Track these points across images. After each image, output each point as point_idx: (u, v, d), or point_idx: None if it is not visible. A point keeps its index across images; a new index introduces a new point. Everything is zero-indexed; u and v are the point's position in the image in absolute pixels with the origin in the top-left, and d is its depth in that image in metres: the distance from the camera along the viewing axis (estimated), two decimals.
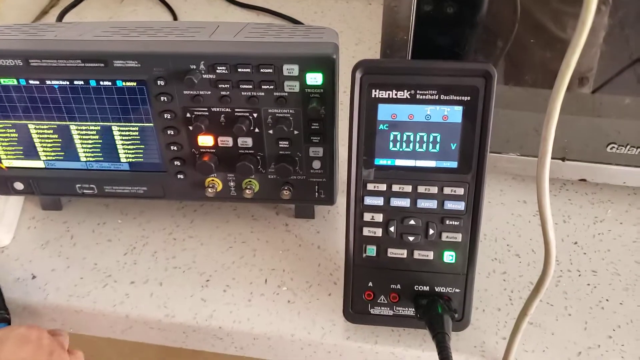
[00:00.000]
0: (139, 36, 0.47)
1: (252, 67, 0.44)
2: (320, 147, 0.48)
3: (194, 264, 0.51)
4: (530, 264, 0.50)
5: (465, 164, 0.41)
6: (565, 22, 0.53)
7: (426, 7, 0.46)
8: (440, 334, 0.39)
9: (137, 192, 0.52)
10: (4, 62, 0.45)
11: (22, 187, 0.53)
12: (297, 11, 0.82)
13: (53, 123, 0.49)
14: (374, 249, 0.43)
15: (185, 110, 0.46)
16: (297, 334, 0.46)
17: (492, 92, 0.39)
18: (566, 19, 0.53)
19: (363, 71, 0.39)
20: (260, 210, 0.56)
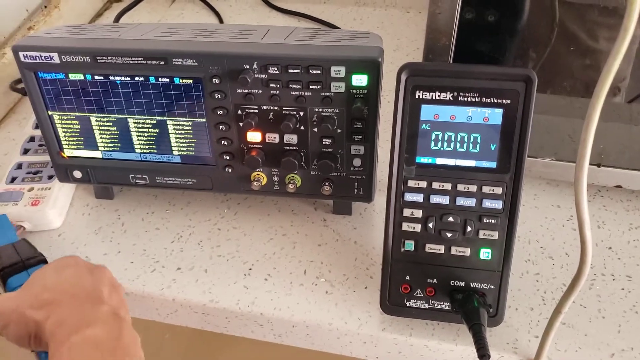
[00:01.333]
0: (195, 37, 0.50)
1: (302, 68, 0.46)
2: (362, 146, 0.50)
3: (237, 253, 0.54)
4: (564, 267, 0.51)
5: (504, 165, 0.43)
6: (599, 33, 0.54)
7: (468, 15, 0.48)
8: (477, 324, 0.40)
9: (187, 184, 0.55)
10: (74, 58, 0.49)
11: (80, 175, 0.57)
12: (337, 17, 0.85)
13: (113, 116, 0.52)
14: (412, 244, 0.45)
15: (237, 107, 0.49)
16: (334, 323, 0.48)
17: (532, 96, 0.41)
18: (601, 29, 0.54)
19: (408, 73, 0.41)
20: (299, 205, 0.59)
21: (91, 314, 0.36)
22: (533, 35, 0.54)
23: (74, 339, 0.34)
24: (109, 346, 0.34)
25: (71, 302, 0.37)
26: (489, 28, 0.48)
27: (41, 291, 0.39)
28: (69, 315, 0.36)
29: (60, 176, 0.57)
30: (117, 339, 0.35)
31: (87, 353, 0.33)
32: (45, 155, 0.61)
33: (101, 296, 0.41)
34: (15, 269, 0.48)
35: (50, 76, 0.51)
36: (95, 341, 0.34)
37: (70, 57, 0.49)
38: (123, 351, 0.34)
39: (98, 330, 0.35)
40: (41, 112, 0.53)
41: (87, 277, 0.42)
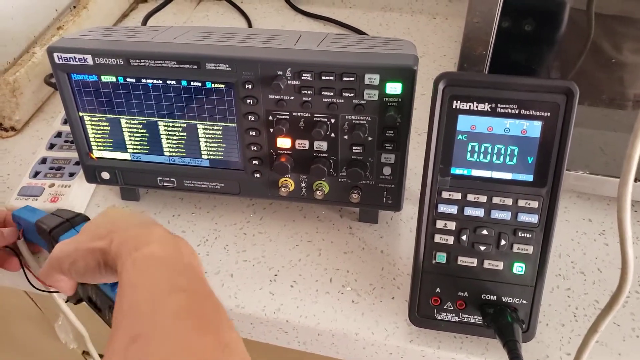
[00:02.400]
0: (228, 41, 0.50)
1: (336, 75, 0.46)
2: (392, 154, 0.50)
3: (263, 259, 0.54)
4: (596, 283, 0.50)
5: (541, 178, 0.42)
6: (635, 45, 0.53)
7: (504, 24, 0.47)
8: (511, 341, 0.40)
9: (215, 188, 0.55)
10: (107, 60, 0.49)
11: (108, 176, 0.57)
12: (363, 22, 0.84)
13: (143, 119, 0.52)
14: (444, 256, 0.44)
15: (268, 113, 0.49)
16: (361, 333, 0.48)
17: (573, 109, 0.40)
18: (636, 42, 0.53)
19: (446, 83, 0.41)
20: (325, 212, 0.58)
21: (148, 235, 0.37)
22: (567, 46, 0.53)
23: (135, 255, 0.35)
24: (169, 260, 0.36)
25: (127, 228, 0.39)
26: (526, 38, 0.48)
27: (96, 228, 0.41)
28: (129, 236, 0.38)
29: (88, 177, 0.57)
30: (176, 253, 0.37)
31: (150, 266, 0.35)
32: (70, 152, 0.61)
33: (153, 221, 0.42)
34: (63, 228, 0.49)
35: (83, 78, 0.51)
36: (155, 256, 0.35)
37: (104, 59, 0.49)
38: (183, 264, 0.36)
39: (157, 247, 0.36)
40: (72, 113, 0.53)
41: (134, 214, 0.43)
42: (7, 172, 0.65)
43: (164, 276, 0.34)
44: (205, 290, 0.35)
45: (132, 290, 0.33)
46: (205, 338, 0.30)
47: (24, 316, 0.79)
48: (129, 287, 0.33)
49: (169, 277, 0.34)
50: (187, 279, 0.35)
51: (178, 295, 0.32)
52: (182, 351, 0.29)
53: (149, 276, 0.34)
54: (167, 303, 0.31)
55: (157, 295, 0.32)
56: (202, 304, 0.33)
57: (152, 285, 0.33)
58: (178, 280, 0.34)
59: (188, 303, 0.32)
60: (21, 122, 0.70)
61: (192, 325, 0.30)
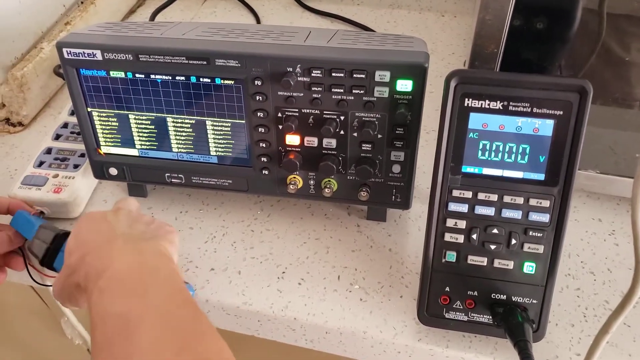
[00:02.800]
0: (237, 37, 0.50)
1: (346, 72, 0.46)
2: (402, 152, 0.49)
3: (270, 256, 0.54)
4: (606, 283, 0.50)
5: (553, 177, 0.41)
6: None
7: (515, 22, 0.47)
8: (522, 341, 0.39)
9: (223, 185, 0.55)
10: (116, 56, 0.49)
11: (116, 172, 0.57)
12: (371, 19, 0.84)
13: (152, 114, 0.52)
14: (454, 254, 0.44)
15: (278, 110, 0.49)
16: (369, 331, 0.48)
17: (586, 108, 0.40)
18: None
19: (458, 80, 0.41)
20: (333, 209, 0.58)
21: (108, 254, 0.36)
22: (579, 44, 0.53)
23: (99, 283, 0.34)
24: (132, 277, 0.34)
25: (91, 251, 0.38)
26: (538, 36, 0.47)
27: (69, 257, 0.40)
28: (90, 265, 0.37)
29: (96, 173, 0.57)
30: (139, 261, 0.36)
31: (115, 289, 0.34)
32: (75, 144, 0.61)
33: (116, 231, 0.41)
34: (51, 256, 0.49)
35: (92, 73, 0.51)
36: (118, 276, 0.34)
37: (113, 54, 0.49)
38: (148, 273, 0.35)
39: (118, 264, 0.35)
40: (81, 109, 0.53)
41: (101, 224, 0.42)
42: (14, 167, 0.65)
43: (131, 297, 0.33)
44: (178, 299, 0.33)
45: (101, 323, 0.32)
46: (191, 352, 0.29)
47: (30, 312, 0.80)
48: (98, 320, 0.33)
49: (138, 297, 0.33)
50: (158, 288, 0.33)
51: (149, 317, 0.31)
52: None
53: (116, 303, 0.33)
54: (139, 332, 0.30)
55: (128, 324, 0.31)
56: (177, 321, 0.32)
57: (120, 315, 0.32)
58: (149, 297, 0.33)
59: (163, 324, 0.31)
60: (29, 118, 0.70)
61: (170, 351, 0.29)
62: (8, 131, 0.70)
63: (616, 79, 0.59)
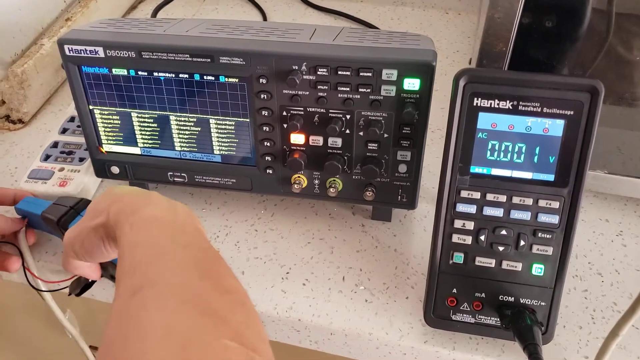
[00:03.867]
0: (242, 35, 0.49)
1: (352, 70, 0.45)
2: (409, 152, 0.49)
3: (274, 256, 0.53)
4: (614, 284, 0.50)
5: (563, 178, 0.41)
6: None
7: (524, 20, 0.46)
8: (532, 344, 0.39)
9: (226, 184, 0.54)
10: (119, 53, 0.48)
11: (118, 171, 0.56)
12: (374, 17, 0.83)
13: (154, 112, 0.51)
14: (462, 256, 0.43)
15: (282, 108, 0.48)
16: (374, 333, 0.47)
17: (597, 108, 0.39)
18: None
19: (467, 79, 0.40)
20: (337, 209, 0.57)
21: (144, 199, 0.37)
22: (587, 43, 0.52)
23: (132, 218, 0.35)
24: (166, 219, 0.35)
25: (124, 197, 0.39)
26: (548, 34, 0.46)
27: (95, 206, 0.40)
28: (124, 204, 0.37)
29: (97, 171, 0.56)
30: (173, 214, 0.36)
31: (147, 227, 0.35)
32: (81, 137, 0.60)
33: (152, 192, 0.41)
34: (70, 216, 0.49)
35: (94, 70, 0.50)
36: (153, 217, 0.35)
37: (115, 51, 0.48)
38: (181, 222, 0.36)
39: (154, 209, 0.36)
40: (82, 107, 0.52)
41: (134, 187, 0.43)
42: (14, 165, 0.64)
43: (161, 234, 0.34)
44: (204, 243, 0.35)
45: (130, 250, 0.33)
46: (205, 283, 0.30)
47: (30, 311, 0.79)
48: (127, 247, 0.33)
49: (167, 235, 0.34)
50: (185, 235, 0.35)
51: (177, 249, 0.32)
52: (184, 297, 0.29)
53: (147, 235, 0.34)
54: (167, 257, 0.31)
55: (156, 251, 0.32)
56: (202, 255, 0.33)
57: (150, 244, 0.33)
58: (177, 237, 0.34)
59: (188, 255, 0.32)
60: (29, 115, 0.70)
61: (193, 274, 0.31)
62: (8, 128, 0.69)
63: (624, 78, 0.58)
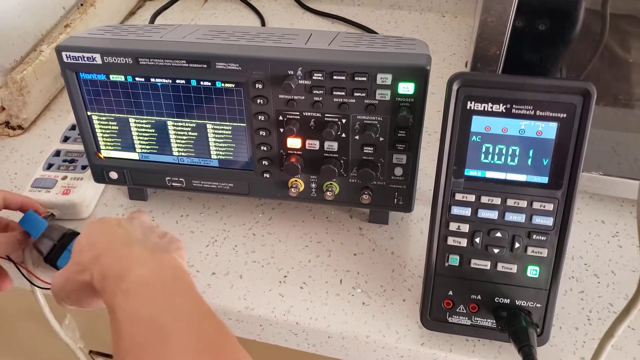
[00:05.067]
0: (238, 40, 0.50)
1: (347, 74, 0.45)
2: (404, 155, 0.49)
3: (272, 260, 0.53)
4: (610, 285, 0.50)
5: (556, 180, 0.41)
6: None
7: (518, 24, 0.47)
8: (527, 346, 0.39)
9: (224, 188, 0.54)
10: (116, 59, 0.48)
11: (116, 176, 0.56)
12: (371, 20, 0.83)
13: (152, 118, 0.52)
14: (458, 258, 0.44)
15: (279, 113, 0.49)
16: (372, 336, 0.47)
17: (589, 111, 0.39)
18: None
19: (460, 83, 0.40)
20: (334, 212, 0.58)
21: (128, 257, 0.37)
22: (581, 46, 0.53)
23: (123, 285, 0.34)
24: (157, 282, 0.35)
25: (107, 252, 0.38)
26: (540, 38, 0.47)
27: (79, 255, 0.40)
28: (108, 266, 0.37)
29: (96, 177, 0.57)
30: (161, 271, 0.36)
31: (142, 293, 0.34)
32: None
33: (132, 237, 0.41)
34: (57, 253, 0.50)
35: (92, 77, 0.50)
36: (143, 282, 0.35)
37: (113, 58, 0.48)
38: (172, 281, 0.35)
39: (141, 270, 0.35)
40: (80, 113, 0.53)
41: (116, 228, 0.42)
42: (14, 171, 0.65)
43: (164, 301, 0.33)
44: (203, 309, 0.34)
45: (130, 324, 0.32)
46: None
47: (29, 317, 0.79)
48: (126, 321, 0.32)
49: (164, 304, 0.33)
50: (181, 297, 0.34)
51: (182, 327, 0.31)
52: None
53: (144, 306, 0.33)
54: (174, 339, 0.30)
55: (161, 331, 0.31)
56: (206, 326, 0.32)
57: (150, 318, 0.32)
58: (175, 305, 0.33)
59: (194, 335, 0.31)
60: (28, 121, 0.70)
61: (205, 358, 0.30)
62: (8, 135, 0.69)
63: (618, 80, 0.59)
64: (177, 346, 0.30)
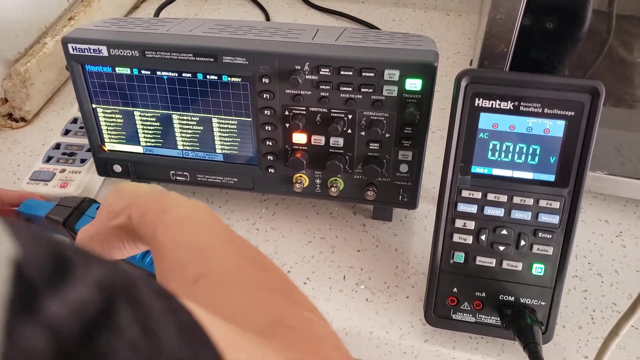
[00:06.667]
0: (245, 34, 0.49)
1: (355, 70, 0.45)
2: (410, 151, 0.49)
3: (275, 255, 0.53)
4: (613, 285, 0.50)
5: (563, 179, 0.41)
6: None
7: (526, 21, 0.47)
8: (532, 344, 0.39)
9: (228, 183, 0.54)
10: (122, 52, 0.48)
11: (120, 169, 0.56)
12: (375, 18, 0.83)
13: (157, 111, 0.52)
14: (463, 255, 0.44)
15: (285, 108, 0.48)
16: (375, 332, 0.47)
17: (598, 109, 0.39)
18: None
19: (468, 80, 0.40)
20: (338, 208, 0.58)
21: (168, 200, 0.36)
22: (588, 44, 0.53)
23: (164, 218, 0.34)
24: (198, 218, 0.35)
25: (142, 199, 0.38)
26: (549, 35, 0.47)
27: (110, 206, 0.39)
28: (147, 206, 0.36)
29: (100, 170, 0.57)
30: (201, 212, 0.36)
31: (182, 226, 0.34)
32: (84, 139, 0.61)
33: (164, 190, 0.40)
34: (75, 216, 0.49)
35: (97, 69, 0.50)
36: (184, 216, 0.34)
37: (119, 50, 0.48)
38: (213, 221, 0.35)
39: (182, 209, 0.35)
40: (85, 105, 0.53)
41: (143, 185, 0.42)
42: (17, 163, 0.64)
43: (202, 231, 0.33)
44: (237, 237, 0.34)
45: (174, 248, 0.32)
46: (270, 275, 0.30)
47: None
48: (169, 246, 0.32)
49: (208, 231, 0.33)
50: (226, 232, 0.34)
51: (226, 245, 0.32)
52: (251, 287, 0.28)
53: (185, 234, 0.33)
54: (217, 255, 0.31)
55: (203, 250, 0.31)
56: (248, 251, 0.32)
57: (193, 241, 0.32)
58: (219, 234, 0.33)
59: (234, 249, 0.32)
60: (31, 113, 0.70)
61: (254, 268, 0.30)
62: (10, 127, 0.69)
63: (623, 79, 0.59)
64: (221, 259, 0.30)
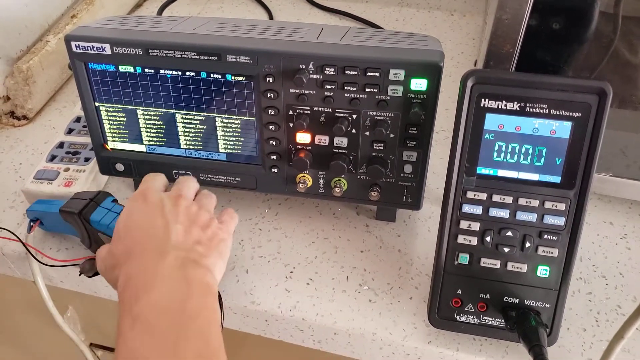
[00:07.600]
0: (249, 33, 0.49)
1: (359, 70, 0.45)
2: (414, 152, 0.49)
3: (278, 255, 0.53)
4: (618, 287, 0.50)
5: (569, 180, 0.41)
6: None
7: (532, 22, 0.46)
8: (537, 346, 0.39)
9: (231, 182, 0.54)
10: (125, 50, 0.48)
11: (123, 168, 0.56)
12: (379, 17, 0.83)
13: (160, 110, 0.51)
14: (467, 257, 0.43)
15: (289, 107, 0.48)
16: (378, 333, 0.47)
17: (605, 111, 0.39)
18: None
19: (474, 80, 0.40)
20: (341, 209, 0.57)
21: (154, 271, 0.35)
22: (594, 45, 0.52)
23: (136, 309, 0.33)
24: (171, 314, 0.33)
25: (138, 255, 0.36)
26: (555, 36, 0.47)
27: (116, 244, 0.39)
28: (132, 275, 0.35)
29: (102, 168, 0.56)
30: (182, 296, 0.34)
31: (147, 326, 0.32)
32: (87, 137, 0.61)
33: (170, 239, 0.38)
34: (91, 207, 0.49)
35: (101, 67, 0.50)
36: (156, 310, 0.33)
37: (122, 49, 0.48)
38: (187, 314, 0.33)
39: (158, 294, 0.33)
40: (88, 103, 0.52)
41: (157, 218, 0.39)
42: (19, 161, 0.64)
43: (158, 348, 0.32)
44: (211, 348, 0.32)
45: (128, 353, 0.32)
46: None
47: (31, 308, 0.79)
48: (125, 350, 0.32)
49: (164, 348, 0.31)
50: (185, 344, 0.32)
51: None
52: None
53: (144, 348, 0.32)
54: None
55: None
56: None
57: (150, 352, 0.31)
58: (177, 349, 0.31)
59: None
60: (33, 111, 0.70)
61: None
62: (13, 124, 0.69)
63: (629, 81, 0.59)
64: None
